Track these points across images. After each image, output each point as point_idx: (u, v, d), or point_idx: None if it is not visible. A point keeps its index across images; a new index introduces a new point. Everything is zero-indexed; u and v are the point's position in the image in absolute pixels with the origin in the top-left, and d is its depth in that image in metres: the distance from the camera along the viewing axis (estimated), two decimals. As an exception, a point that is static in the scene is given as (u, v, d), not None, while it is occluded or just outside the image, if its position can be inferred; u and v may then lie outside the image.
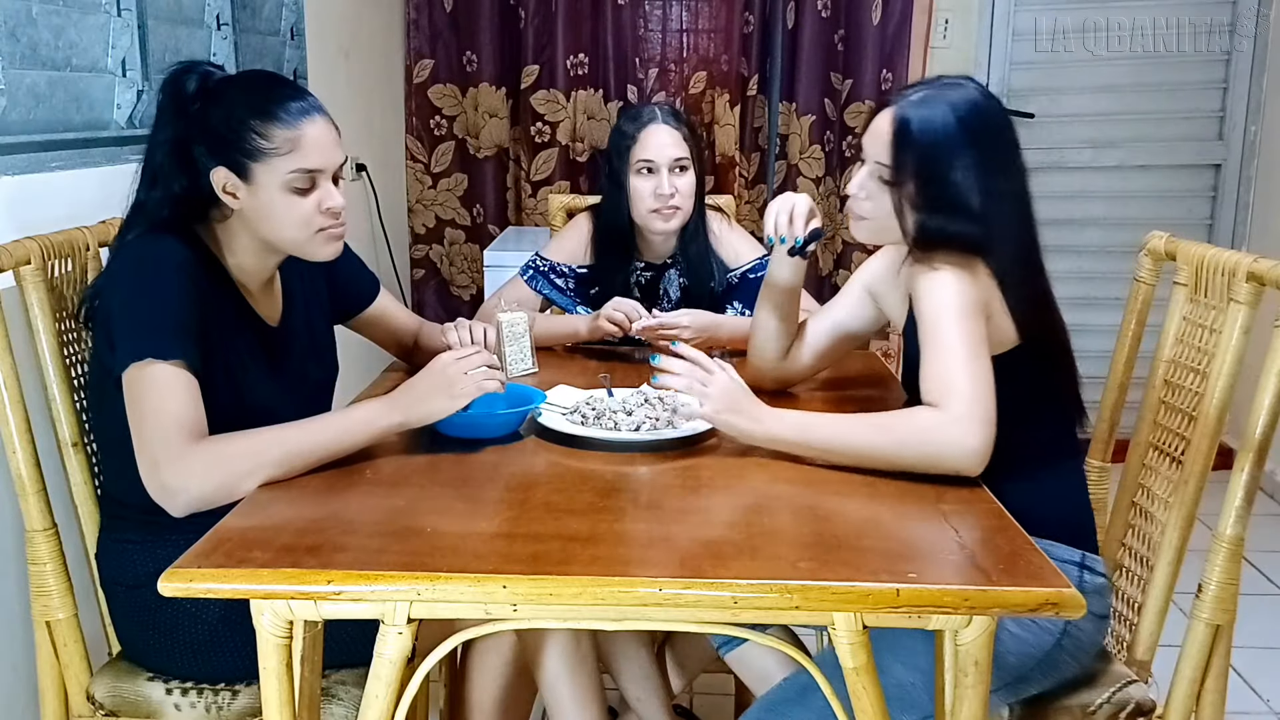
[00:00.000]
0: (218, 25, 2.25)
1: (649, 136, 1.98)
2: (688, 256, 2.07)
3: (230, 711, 1.40)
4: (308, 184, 1.38)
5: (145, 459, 1.26)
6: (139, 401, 1.27)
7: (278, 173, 1.36)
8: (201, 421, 1.28)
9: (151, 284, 1.32)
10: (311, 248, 1.43)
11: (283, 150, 1.36)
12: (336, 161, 1.42)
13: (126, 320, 1.31)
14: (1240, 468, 1.38)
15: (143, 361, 1.27)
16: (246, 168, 1.36)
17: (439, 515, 1.22)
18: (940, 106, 1.39)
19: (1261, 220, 3.68)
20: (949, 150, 1.38)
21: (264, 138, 1.35)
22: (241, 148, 1.36)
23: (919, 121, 1.39)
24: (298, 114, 1.37)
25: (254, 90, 1.40)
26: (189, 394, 1.28)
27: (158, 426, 1.25)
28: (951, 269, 1.34)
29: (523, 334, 1.83)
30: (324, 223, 1.41)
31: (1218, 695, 1.44)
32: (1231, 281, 1.45)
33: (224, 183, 1.38)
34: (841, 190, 3.67)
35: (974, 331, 1.31)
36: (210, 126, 1.37)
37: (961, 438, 1.26)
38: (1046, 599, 1.01)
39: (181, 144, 1.39)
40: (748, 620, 1.05)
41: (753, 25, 3.57)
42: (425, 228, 3.79)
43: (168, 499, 1.25)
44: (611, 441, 1.44)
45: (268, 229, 1.41)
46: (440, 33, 3.63)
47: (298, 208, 1.38)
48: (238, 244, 1.44)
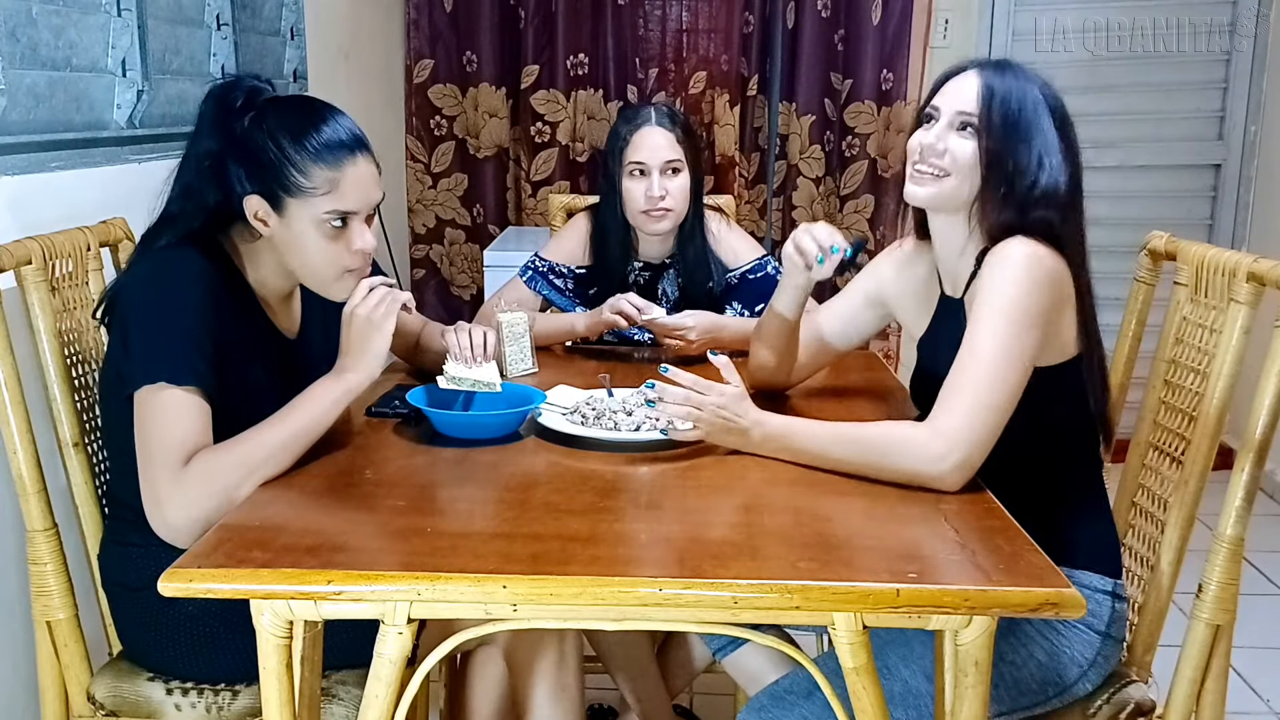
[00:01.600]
0: (218, 25, 2.25)
1: (642, 138, 1.98)
2: (686, 257, 2.07)
3: (230, 711, 1.40)
4: (341, 224, 1.37)
5: (148, 491, 1.25)
6: (147, 428, 1.27)
7: (313, 210, 1.34)
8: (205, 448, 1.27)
9: (169, 299, 1.31)
10: (331, 287, 1.41)
11: (320, 190, 1.34)
12: (374, 201, 1.40)
13: (143, 337, 1.30)
14: (1240, 468, 1.38)
15: (156, 385, 1.26)
16: (281, 200, 1.34)
17: (439, 515, 1.22)
18: (1018, 72, 1.37)
19: (1261, 220, 3.68)
20: (1035, 107, 1.34)
21: (304, 174, 1.33)
22: (280, 180, 1.33)
23: (1003, 79, 1.35)
24: (341, 153, 1.35)
25: (300, 120, 1.35)
26: (197, 422, 1.27)
27: (162, 457, 1.25)
28: (1031, 265, 1.29)
29: (523, 334, 1.83)
30: (351, 264, 1.39)
31: (1218, 695, 1.44)
32: (1231, 281, 1.45)
33: (256, 210, 1.36)
34: (841, 191, 3.67)
35: (1013, 350, 1.27)
36: (250, 151, 1.34)
37: (939, 457, 1.24)
38: (1046, 599, 1.01)
39: (220, 161, 1.36)
40: (747, 620, 1.05)
41: (753, 25, 3.57)
42: (425, 228, 3.79)
43: (170, 534, 1.24)
44: (611, 441, 1.44)
45: (294, 261, 1.40)
46: (440, 33, 3.63)
47: (326, 249, 1.37)
48: (261, 262, 1.43)
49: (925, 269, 1.54)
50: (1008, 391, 1.26)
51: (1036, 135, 1.34)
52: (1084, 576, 1.38)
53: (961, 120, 1.36)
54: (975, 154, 1.35)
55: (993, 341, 1.27)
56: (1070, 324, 1.36)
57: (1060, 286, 1.32)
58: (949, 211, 1.42)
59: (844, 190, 3.67)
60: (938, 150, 1.37)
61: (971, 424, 1.24)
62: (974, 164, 1.35)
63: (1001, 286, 1.29)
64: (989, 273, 1.31)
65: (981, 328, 1.28)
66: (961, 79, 1.38)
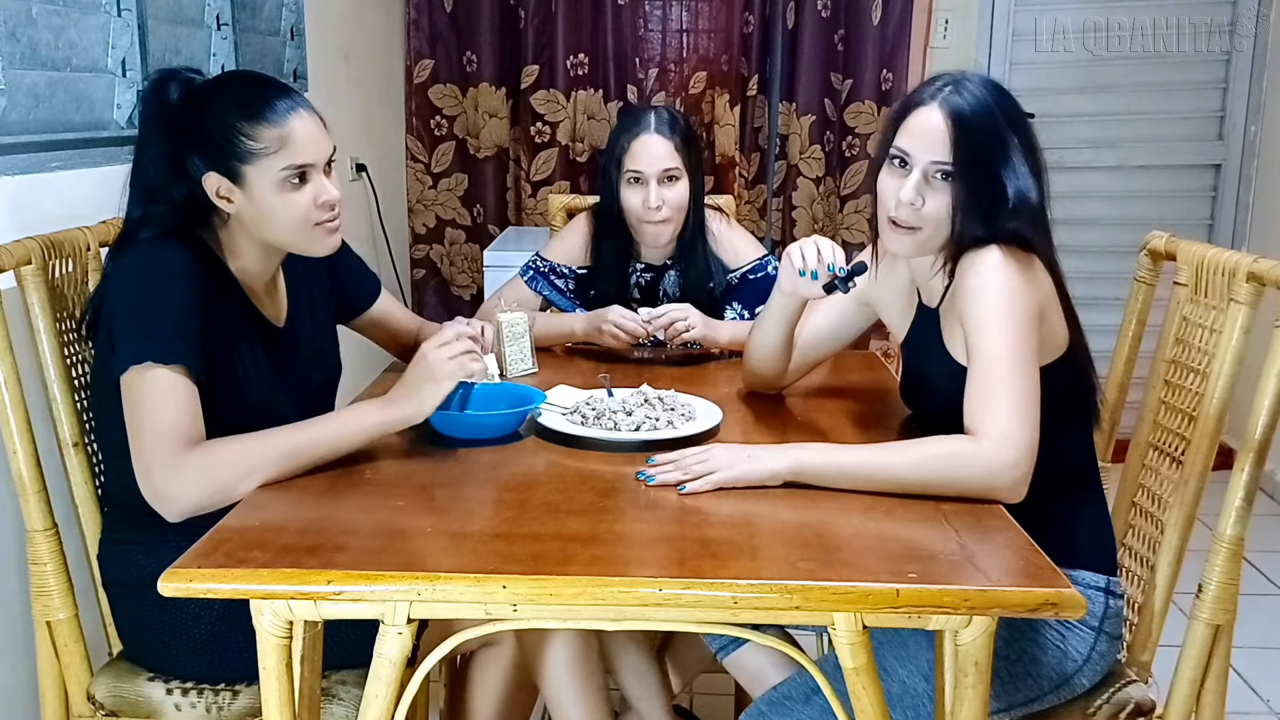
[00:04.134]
0: (218, 25, 2.25)
1: (640, 146, 1.97)
2: (686, 258, 2.07)
3: (230, 711, 1.40)
4: (300, 179, 1.38)
5: (140, 465, 1.26)
6: (136, 406, 1.27)
7: (269, 172, 1.36)
8: (198, 428, 1.28)
9: (154, 289, 1.32)
10: (311, 244, 1.43)
11: (272, 149, 1.36)
12: (326, 153, 1.42)
13: (128, 323, 1.31)
14: (1240, 468, 1.38)
15: (143, 365, 1.27)
16: (238, 171, 1.36)
17: (439, 515, 1.22)
18: (975, 89, 1.34)
19: (1261, 220, 3.68)
20: (1001, 130, 1.33)
21: (252, 139, 1.35)
22: (232, 150, 1.36)
23: (967, 109, 1.33)
24: (284, 112, 1.37)
25: (238, 92, 1.40)
26: (187, 400, 1.28)
27: (154, 433, 1.25)
28: (1010, 269, 1.29)
29: (523, 334, 1.83)
30: (320, 216, 1.41)
31: (1218, 695, 1.44)
32: (1231, 281, 1.45)
33: (217, 187, 1.38)
34: (841, 191, 3.67)
35: (1025, 346, 1.26)
36: (199, 134, 1.37)
37: (1011, 464, 1.21)
38: (1046, 599, 1.01)
39: (173, 155, 1.39)
40: (747, 620, 1.05)
41: (753, 25, 3.57)
42: (425, 228, 3.79)
43: (162, 505, 1.25)
44: (611, 441, 1.44)
45: (266, 230, 1.41)
46: (440, 33, 3.63)
47: (293, 205, 1.38)
48: (239, 246, 1.44)
49: (906, 274, 1.55)
50: (1035, 387, 1.26)
51: (1006, 155, 1.33)
52: (1078, 574, 1.38)
53: (937, 170, 1.35)
54: (949, 204, 1.35)
55: (1003, 343, 1.26)
56: (1057, 320, 1.36)
57: (1042, 284, 1.33)
58: (928, 255, 1.43)
59: (844, 190, 3.66)
60: (915, 207, 1.35)
61: (1020, 427, 1.22)
62: (946, 215, 1.35)
63: (992, 292, 1.29)
64: (973, 283, 1.31)
65: (988, 334, 1.27)
66: (928, 116, 1.34)
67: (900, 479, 1.24)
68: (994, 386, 1.25)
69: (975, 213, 1.34)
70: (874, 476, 1.25)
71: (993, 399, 1.24)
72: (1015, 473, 1.21)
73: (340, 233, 1.46)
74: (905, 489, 1.24)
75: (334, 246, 1.45)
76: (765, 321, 1.62)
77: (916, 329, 1.53)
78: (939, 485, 1.23)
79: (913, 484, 1.24)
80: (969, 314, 1.31)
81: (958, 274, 1.35)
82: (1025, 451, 1.22)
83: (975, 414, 1.25)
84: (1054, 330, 1.36)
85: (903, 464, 1.25)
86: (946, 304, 1.42)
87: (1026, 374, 1.25)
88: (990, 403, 1.24)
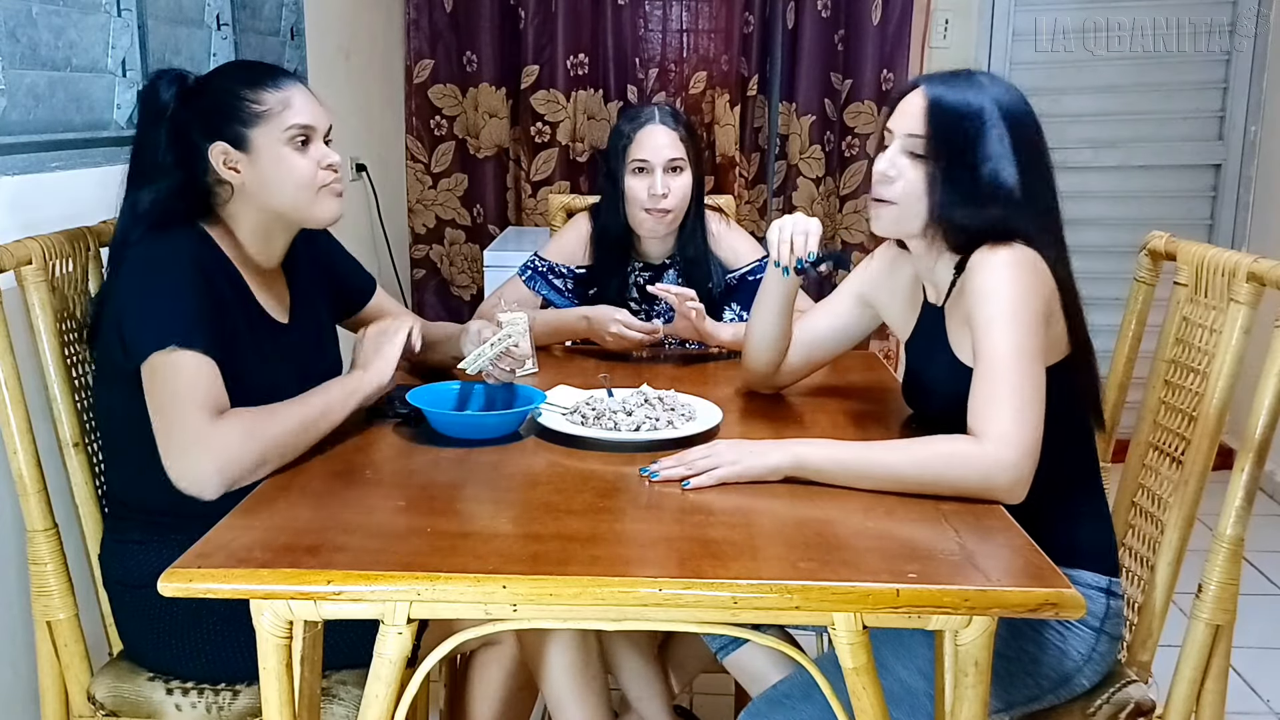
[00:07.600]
0: (218, 25, 2.25)
1: (645, 136, 1.98)
2: (686, 257, 2.07)
3: (230, 711, 1.40)
4: (304, 142, 1.43)
5: (173, 443, 1.27)
6: (163, 387, 1.28)
7: (276, 131, 1.41)
8: (226, 403, 1.31)
9: (166, 278, 1.34)
10: (315, 208, 1.46)
11: (277, 110, 1.41)
12: (327, 122, 1.48)
13: (143, 313, 1.32)
14: (1240, 468, 1.38)
15: (166, 349, 1.29)
16: (244, 136, 1.41)
17: (439, 515, 1.22)
18: (970, 82, 1.37)
19: (1261, 220, 3.68)
20: (983, 120, 1.34)
21: (257, 102, 1.41)
22: (238, 117, 1.41)
23: (952, 93, 1.36)
24: (284, 81, 1.45)
25: (238, 67, 1.52)
26: (214, 377, 1.31)
27: (187, 409, 1.27)
28: (1019, 269, 1.29)
29: (523, 334, 1.83)
30: (325, 178, 1.45)
31: (1218, 695, 1.44)
32: (1231, 281, 1.45)
33: (223, 157, 1.41)
34: (841, 191, 3.67)
35: (1031, 347, 1.26)
36: (203, 109, 1.42)
37: (1012, 464, 1.21)
38: (1046, 599, 1.01)
39: (175, 140, 1.42)
40: (747, 620, 1.05)
41: (753, 25, 3.57)
42: (425, 228, 3.79)
43: (201, 480, 1.25)
44: (611, 441, 1.44)
45: (274, 196, 1.43)
46: (440, 33, 3.64)
47: (300, 166, 1.43)
48: (243, 226, 1.46)
49: (910, 272, 1.55)
50: (1039, 388, 1.26)
51: (985, 147, 1.34)
52: (1079, 574, 1.38)
53: (910, 142, 1.37)
54: (923, 180, 1.36)
55: (1009, 344, 1.26)
56: (1060, 321, 1.36)
57: (1047, 284, 1.33)
58: (905, 235, 1.44)
59: (844, 190, 3.66)
60: (889, 178, 1.38)
61: (1021, 429, 1.22)
62: (921, 191, 1.36)
63: (998, 292, 1.29)
64: (978, 282, 1.31)
65: (994, 335, 1.27)
66: (911, 97, 1.39)
67: (900, 476, 1.24)
68: (997, 387, 1.25)
69: (953, 196, 1.35)
70: (874, 473, 1.25)
71: (995, 399, 1.24)
72: (1015, 474, 1.21)
73: (342, 198, 1.50)
74: (905, 487, 1.24)
75: (337, 212, 1.49)
76: (760, 305, 1.63)
77: (921, 328, 1.53)
78: (939, 484, 1.23)
79: (913, 482, 1.24)
80: (976, 313, 1.31)
81: (966, 272, 1.35)
82: (1026, 453, 1.22)
83: (978, 414, 1.25)
84: (1057, 331, 1.36)
85: (903, 461, 1.25)
86: (952, 302, 1.42)
87: (1031, 375, 1.25)
88: (993, 403, 1.24)
